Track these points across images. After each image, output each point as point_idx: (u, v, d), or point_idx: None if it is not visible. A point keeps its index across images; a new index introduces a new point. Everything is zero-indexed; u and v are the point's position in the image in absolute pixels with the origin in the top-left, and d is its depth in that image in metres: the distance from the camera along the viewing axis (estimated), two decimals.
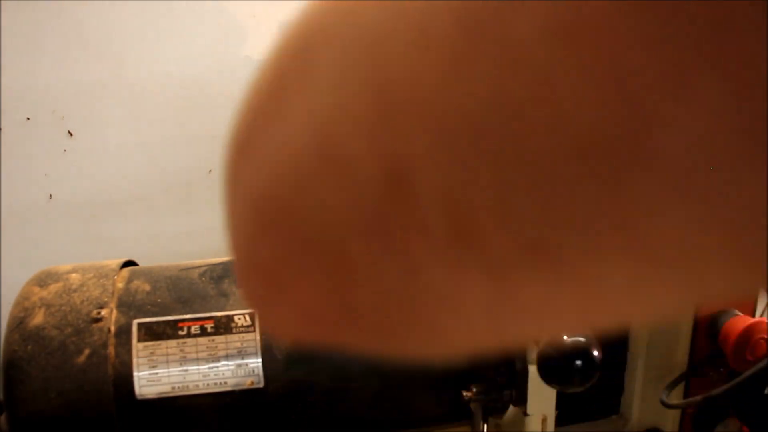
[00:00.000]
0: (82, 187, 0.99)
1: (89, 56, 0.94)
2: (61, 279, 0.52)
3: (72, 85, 0.95)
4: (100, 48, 0.94)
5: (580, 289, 0.12)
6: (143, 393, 0.47)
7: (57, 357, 0.47)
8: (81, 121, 0.97)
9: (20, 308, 0.49)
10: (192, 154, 1.03)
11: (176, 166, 1.03)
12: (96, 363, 0.47)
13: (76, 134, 0.98)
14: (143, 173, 1.01)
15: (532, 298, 0.13)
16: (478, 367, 0.53)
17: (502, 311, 0.13)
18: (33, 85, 0.94)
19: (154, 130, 1.00)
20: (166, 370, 0.48)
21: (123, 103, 0.98)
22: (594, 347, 0.41)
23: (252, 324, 0.50)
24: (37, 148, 0.96)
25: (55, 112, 0.96)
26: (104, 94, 0.97)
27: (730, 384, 0.49)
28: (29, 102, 0.94)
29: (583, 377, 0.41)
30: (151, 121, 1.00)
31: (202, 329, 0.49)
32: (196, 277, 0.53)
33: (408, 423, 0.55)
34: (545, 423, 0.55)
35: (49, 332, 0.48)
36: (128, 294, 0.51)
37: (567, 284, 0.12)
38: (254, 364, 0.49)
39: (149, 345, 0.48)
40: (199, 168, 1.04)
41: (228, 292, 0.52)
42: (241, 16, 1.01)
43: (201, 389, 0.48)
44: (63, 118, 0.96)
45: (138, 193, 1.02)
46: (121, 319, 0.49)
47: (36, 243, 0.99)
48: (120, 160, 1.00)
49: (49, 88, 0.95)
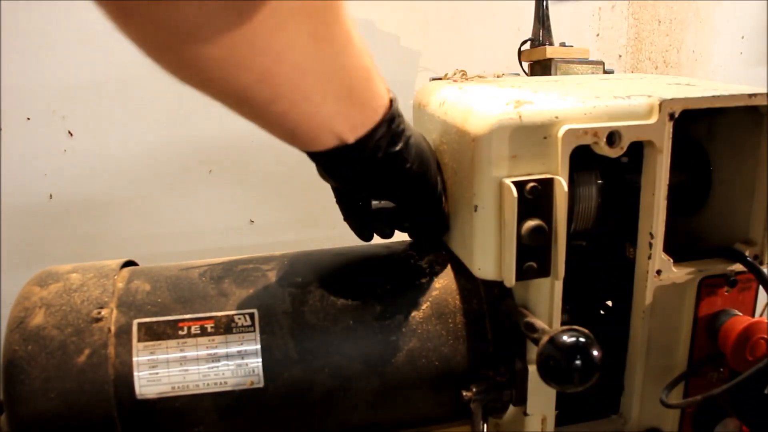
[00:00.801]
0: (81, 187, 0.99)
1: (89, 56, 0.94)
2: (61, 279, 0.52)
3: (72, 85, 0.95)
4: (100, 48, 0.94)
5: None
6: (143, 393, 0.47)
7: (57, 357, 0.47)
8: (81, 121, 0.97)
9: (20, 308, 0.49)
10: (192, 154, 1.03)
11: (176, 166, 1.03)
12: (96, 363, 0.47)
13: (76, 134, 0.98)
14: (143, 173, 1.01)
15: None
16: (478, 367, 0.53)
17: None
18: (33, 85, 0.94)
19: (154, 130, 1.00)
20: (166, 369, 0.48)
21: (123, 103, 0.98)
22: (594, 347, 0.41)
23: (252, 324, 0.50)
24: (37, 148, 0.96)
25: (55, 112, 0.96)
26: (104, 94, 0.97)
27: (729, 384, 0.49)
28: (29, 102, 0.94)
29: (583, 377, 0.41)
30: (151, 121, 1.00)
31: (202, 329, 0.49)
32: (196, 277, 0.53)
33: (408, 423, 0.55)
34: (545, 423, 0.55)
35: (49, 332, 0.48)
36: (128, 294, 0.51)
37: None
38: (254, 364, 0.49)
39: (149, 345, 0.48)
40: (199, 168, 1.04)
41: (228, 292, 0.52)
42: None
43: (201, 389, 0.48)
44: (63, 118, 0.96)
45: (138, 193, 1.02)
46: (121, 319, 0.49)
47: (36, 243, 0.99)
48: (120, 160, 1.00)
49: (49, 88, 0.95)
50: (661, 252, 0.53)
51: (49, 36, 0.93)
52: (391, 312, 0.52)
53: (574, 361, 0.41)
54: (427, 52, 1.12)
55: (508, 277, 0.49)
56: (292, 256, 0.57)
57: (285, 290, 0.52)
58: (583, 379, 0.41)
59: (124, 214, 1.02)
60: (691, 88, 0.57)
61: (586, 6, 1.23)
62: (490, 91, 0.56)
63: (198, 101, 1.05)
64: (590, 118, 0.49)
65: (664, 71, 1.32)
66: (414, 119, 0.67)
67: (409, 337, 0.52)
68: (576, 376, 0.42)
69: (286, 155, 1.07)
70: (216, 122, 1.02)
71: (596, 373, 0.41)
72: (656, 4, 1.28)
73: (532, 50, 0.95)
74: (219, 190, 1.05)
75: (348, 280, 0.54)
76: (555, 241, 0.49)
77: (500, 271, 0.49)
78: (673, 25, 1.30)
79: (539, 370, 0.51)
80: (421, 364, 0.51)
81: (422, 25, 1.11)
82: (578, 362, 0.41)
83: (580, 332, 0.42)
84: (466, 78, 0.70)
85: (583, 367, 0.41)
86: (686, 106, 0.51)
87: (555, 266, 0.49)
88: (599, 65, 0.90)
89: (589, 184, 0.55)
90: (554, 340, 0.42)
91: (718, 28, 1.33)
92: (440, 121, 0.57)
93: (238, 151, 1.03)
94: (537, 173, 0.49)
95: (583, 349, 0.41)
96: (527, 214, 0.48)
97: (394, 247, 0.59)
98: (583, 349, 0.41)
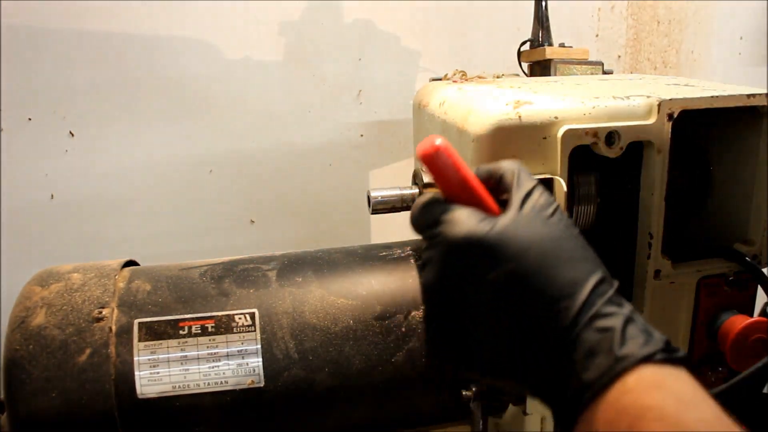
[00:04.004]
0: (82, 187, 0.99)
1: (89, 56, 0.95)
2: (62, 279, 0.52)
3: (72, 85, 0.95)
4: (100, 48, 0.94)
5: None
6: (144, 392, 0.47)
7: (58, 356, 0.47)
8: (81, 121, 0.97)
9: (21, 308, 0.50)
10: (192, 154, 1.03)
11: (176, 166, 1.03)
12: (97, 362, 0.47)
13: (76, 134, 0.98)
14: (143, 173, 1.02)
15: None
16: None
17: None
18: (33, 85, 0.94)
19: (154, 130, 1.00)
20: (167, 369, 0.48)
21: (123, 104, 0.98)
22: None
23: (252, 323, 0.50)
24: (37, 148, 0.96)
25: (55, 112, 0.96)
26: (105, 95, 0.97)
27: (728, 383, 0.50)
28: (29, 102, 0.95)
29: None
30: (151, 121, 1.00)
31: (203, 329, 0.49)
32: (197, 277, 0.53)
33: (408, 423, 0.55)
34: (544, 423, 0.55)
35: (50, 332, 0.48)
36: (129, 294, 0.51)
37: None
38: (254, 363, 0.49)
39: (150, 344, 0.48)
40: (199, 168, 1.04)
41: (229, 291, 0.52)
42: (241, 16, 1.01)
43: (202, 388, 0.48)
44: (64, 118, 0.97)
45: (138, 193, 1.02)
46: (122, 319, 0.49)
47: (36, 243, 0.99)
48: (120, 160, 1.00)
49: (49, 88, 0.95)
50: (660, 252, 0.54)
51: (49, 36, 0.93)
52: (391, 312, 0.52)
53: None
54: (427, 52, 1.13)
55: None
56: (292, 256, 0.57)
57: (285, 290, 0.53)
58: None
59: (124, 214, 1.02)
60: (690, 89, 0.57)
61: (586, 6, 1.23)
62: (490, 91, 0.56)
63: (198, 101, 1.05)
64: (589, 119, 0.50)
65: (663, 72, 1.32)
66: (414, 119, 0.68)
67: (409, 337, 0.52)
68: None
69: (286, 155, 1.07)
70: (216, 122, 1.02)
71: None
72: (655, 5, 1.28)
73: (531, 51, 0.95)
74: (219, 190, 1.05)
75: (348, 280, 0.54)
76: None
77: None
78: (672, 26, 1.30)
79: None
80: (421, 364, 0.52)
81: (422, 25, 1.12)
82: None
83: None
84: (466, 78, 0.70)
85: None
86: (685, 106, 0.51)
87: None
88: (598, 66, 0.90)
89: (588, 184, 0.55)
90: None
91: (716, 28, 1.33)
92: (440, 121, 0.57)
93: (238, 151, 1.03)
94: (537, 173, 0.49)
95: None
96: None
97: (394, 247, 0.59)
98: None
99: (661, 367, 0.36)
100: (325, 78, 1.07)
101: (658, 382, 0.35)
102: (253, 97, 1.03)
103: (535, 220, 0.39)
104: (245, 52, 1.02)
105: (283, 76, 1.04)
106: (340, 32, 1.07)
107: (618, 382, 0.35)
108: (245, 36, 1.02)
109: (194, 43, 0.99)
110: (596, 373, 0.36)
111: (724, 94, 0.52)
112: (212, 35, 1.00)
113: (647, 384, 0.35)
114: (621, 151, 0.50)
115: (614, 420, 0.34)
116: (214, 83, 1.01)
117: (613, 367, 0.35)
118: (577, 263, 0.38)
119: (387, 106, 1.12)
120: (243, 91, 1.03)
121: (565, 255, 0.38)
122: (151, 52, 0.96)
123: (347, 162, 1.11)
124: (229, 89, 1.02)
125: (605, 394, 0.35)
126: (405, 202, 0.57)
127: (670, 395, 0.34)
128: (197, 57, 0.99)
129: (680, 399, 0.34)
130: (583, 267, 0.38)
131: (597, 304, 0.37)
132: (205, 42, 1.00)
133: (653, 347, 0.37)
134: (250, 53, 1.03)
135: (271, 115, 1.04)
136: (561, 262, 0.38)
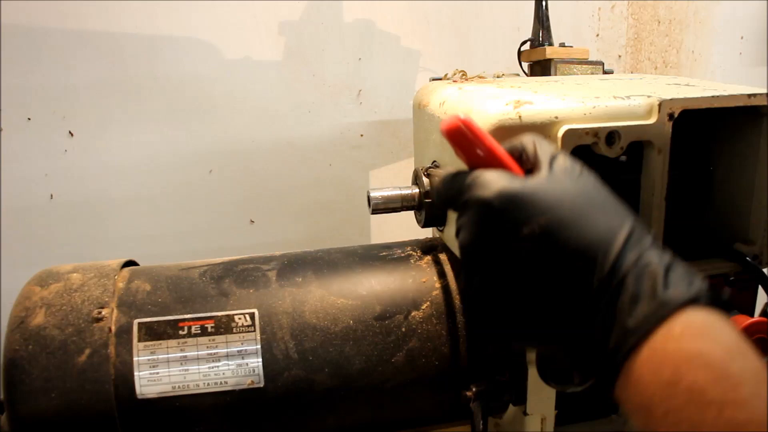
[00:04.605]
0: (81, 187, 0.99)
1: (89, 56, 0.95)
2: (61, 279, 0.52)
3: (72, 85, 0.95)
4: (100, 48, 0.94)
5: None
6: (144, 392, 0.47)
7: (58, 356, 0.47)
8: (81, 121, 0.97)
9: (21, 308, 0.49)
10: (192, 154, 1.03)
11: (176, 166, 1.03)
12: (97, 362, 0.47)
13: (76, 134, 0.98)
14: (143, 173, 1.02)
15: None
16: (478, 367, 0.53)
17: None
18: (33, 85, 0.94)
19: (154, 130, 1.00)
20: (166, 369, 0.48)
21: (123, 103, 0.98)
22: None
23: (252, 324, 0.50)
24: (37, 148, 0.96)
25: (55, 112, 0.96)
26: (104, 94, 0.97)
27: None
28: (29, 102, 0.95)
29: (583, 377, 0.41)
30: (150, 121, 1.00)
31: (203, 329, 0.49)
32: (197, 277, 0.53)
33: (408, 423, 0.55)
34: (545, 423, 0.55)
35: (50, 332, 0.48)
36: (129, 294, 0.51)
37: None
38: (254, 363, 0.49)
39: (150, 345, 0.48)
40: (199, 168, 1.04)
41: (228, 292, 0.52)
42: (241, 16, 1.01)
43: (201, 389, 0.48)
44: (64, 118, 0.97)
45: (138, 193, 1.02)
46: (121, 319, 0.49)
47: (36, 243, 0.99)
48: (120, 160, 1.00)
49: (49, 88, 0.95)
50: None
51: (49, 36, 0.93)
52: (391, 312, 0.52)
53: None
54: (427, 52, 1.12)
55: None
56: (292, 256, 0.57)
57: (285, 290, 0.53)
58: (583, 379, 0.42)
59: (124, 214, 1.02)
60: (691, 89, 0.57)
61: (586, 6, 1.23)
62: (490, 91, 0.56)
63: (198, 101, 1.05)
64: (590, 119, 0.49)
65: (664, 71, 1.32)
66: (414, 119, 0.67)
67: (409, 337, 0.52)
68: (576, 377, 0.42)
69: (286, 156, 1.07)
70: (216, 122, 1.02)
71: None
72: (656, 5, 1.28)
73: (531, 50, 0.95)
74: (219, 190, 1.05)
75: (348, 280, 0.54)
76: None
77: None
78: (672, 26, 1.30)
79: (539, 370, 0.51)
80: (421, 364, 0.52)
81: (422, 25, 1.11)
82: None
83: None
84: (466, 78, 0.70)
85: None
86: (686, 106, 0.51)
87: None
88: (599, 65, 0.90)
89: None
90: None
91: (717, 28, 1.33)
92: (440, 121, 0.57)
93: (238, 151, 1.03)
94: None
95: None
96: None
97: (395, 247, 0.59)
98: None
99: (705, 313, 0.35)
100: (325, 78, 1.07)
101: (703, 329, 0.34)
102: (253, 97, 1.03)
103: (565, 177, 0.39)
104: (245, 52, 1.02)
105: (283, 76, 1.04)
106: (340, 32, 1.06)
107: (663, 327, 0.34)
108: (245, 36, 1.01)
109: (194, 43, 0.99)
110: (640, 318, 0.35)
111: (724, 94, 0.52)
112: (212, 35, 1.00)
113: (693, 331, 0.34)
114: (621, 151, 0.50)
115: (659, 367, 0.33)
116: (214, 83, 1.01)
117: (658, 311, 0.34)
118: (611, 213, 0.38)
119: (387, 106, 1.12)
120: (243, 91, 1.03)
121: (599, 206, 0.38)
122: (151, 52, 0.96)
123: (347, 162, 1.11)
124: (229, 89, 1.02)
125: (649, 341, 0.34)
126: (405, 202, 0.57)
127: (716, 343, 0.33)
128: (197, 57, 0.99)
129: (726, 348, 0.33)
130: (617, 216, 0.38)
131: (635, 249, 0.37)
132: (205, 42, 0.99)
133: (697, 290, 0.36)
134: (250, 53, 1.03)
135: (271, 115, 1.04)
136: (595, 212, 0.38)
